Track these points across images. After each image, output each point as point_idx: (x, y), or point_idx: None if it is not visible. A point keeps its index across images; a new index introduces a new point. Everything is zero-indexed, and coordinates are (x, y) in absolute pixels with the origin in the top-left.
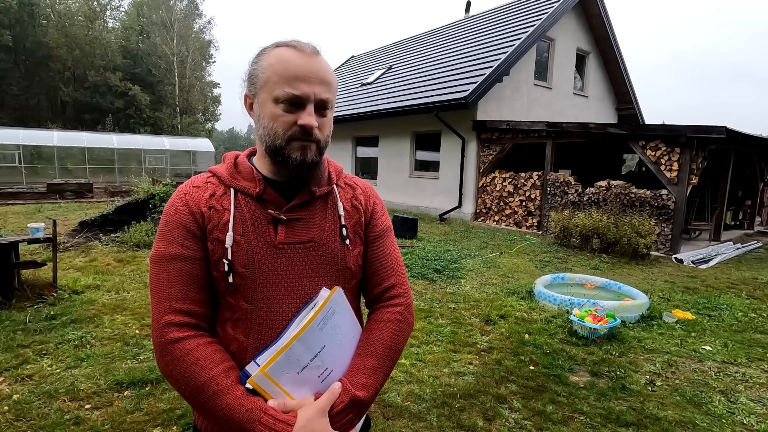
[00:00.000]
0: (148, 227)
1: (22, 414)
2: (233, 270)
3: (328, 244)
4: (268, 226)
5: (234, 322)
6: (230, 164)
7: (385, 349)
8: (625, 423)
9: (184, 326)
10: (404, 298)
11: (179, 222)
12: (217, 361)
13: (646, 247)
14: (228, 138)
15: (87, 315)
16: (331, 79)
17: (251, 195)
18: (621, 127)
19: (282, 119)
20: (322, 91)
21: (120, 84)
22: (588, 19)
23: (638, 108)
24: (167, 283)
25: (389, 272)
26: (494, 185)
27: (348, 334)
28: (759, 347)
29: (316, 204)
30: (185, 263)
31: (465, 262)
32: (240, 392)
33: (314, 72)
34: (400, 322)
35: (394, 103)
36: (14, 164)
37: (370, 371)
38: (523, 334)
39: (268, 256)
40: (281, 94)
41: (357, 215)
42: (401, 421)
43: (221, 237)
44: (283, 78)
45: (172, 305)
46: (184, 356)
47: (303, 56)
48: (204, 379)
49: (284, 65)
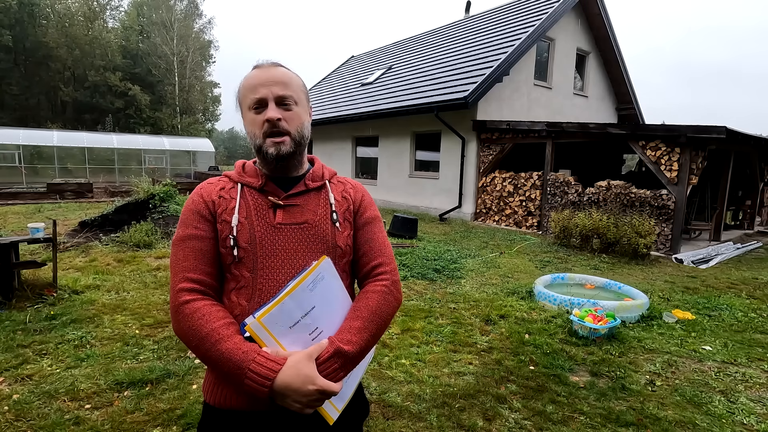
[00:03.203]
0: (148, 227)
1: (22, 414)
2: (238, 244)
3: (320, 226)
4: (268, 210)
5: (238, 290)
6: (239, 167)
7: (370, 313)
8: (625, 423)
9: (194, 291)
10: (391, 275)
11: (194, 209)
12: (219, 317)
13: (646, 247)
14: (228, 138)
15: (87, 315)
16: (288, 79)
17: (254, 187)
18: (621, 127)
19: (254, 121)
20: (279, 90)
21: (120, 84)
22: (588, 19)
23: (638, 108)
24: (183, 258)
25: (377, 253)
26: (494, 185)
27: (337, 299)
28: (759, 347)
29: (310, 194)
30: (197, 241)
31: (465, 262)
32: (238, 339)
33: (270, 77)
34: (385, 293)
35: (394, 103)
36: (14, 164)
37: (356, 330)
38: (523, 334)
39: (268, 234)
40: (249, 102)
41: (347, 204)
42: (401, 421)
43: (228, 219)
44: (248, 89)
45: (186, 275)
46: (192, 313)
47: (261, 70)
48: (207, 330)
49: (248, 81)
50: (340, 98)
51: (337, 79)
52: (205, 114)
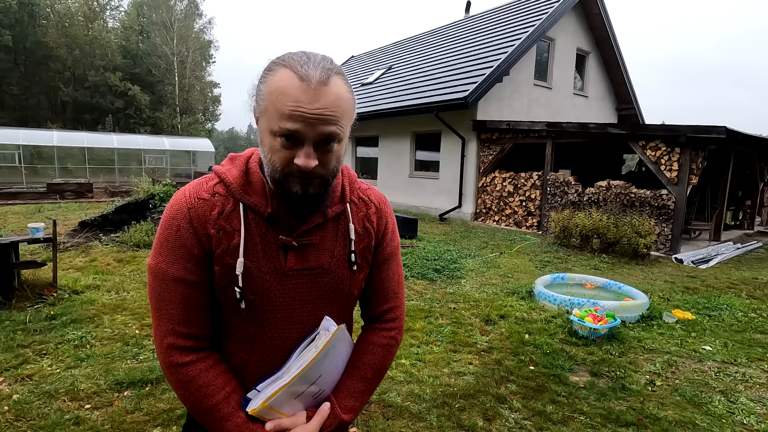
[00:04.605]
0: (148, 227)
1: (22, 414)
2: (244, 297)
3: (336, 271)
4: (278, 251)
5: (237, 341)
6: (240, 175)
7: (374, 372)
8: (625, 423)
9: (187, 350)
10: (399, 321)
11: (183, 243)
12: (219, 387)
13: (646, 247)
14: (228, 138)
15: (87, 315)
16: (341, 110)
17: (261, 214)
18: (621, 127)
19: (279, 154)
20: (325, 128)
21: (120, 84)
22: (588, 19)
23: (638, 108)
24: (169, 304)
25: (390, 295)
26: (494, 185)
27: (343, 361)
28: (759, 347)
29: (328, 227)
30: (187, 287)
31: (465, 262)
32: (240, 420)
33: (318, 108)
34: (391, 346)
35: (394, 103)
36: (14, 164)
37: (358, 395)
38: (523, 334)
39: (277, 283)
40: (277, 129)
41: (368, 239)
42: (401, 421)
43: (231, 262)
44: (278, 112)
45: (174, 328)
46: (188, 382)
47: (305, 89)
48: (207, 406)
49: (281, 98)
50: None
51: None
52: (205, 114)
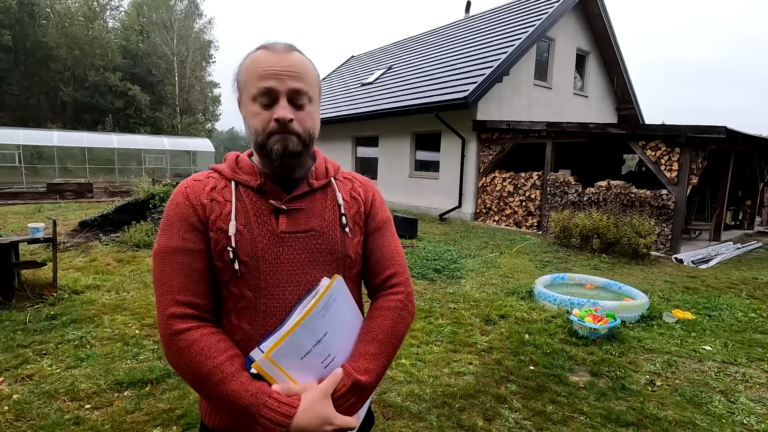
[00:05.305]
0: (148, 227)
1: (22, 414)
2: (238, 258)
3: (328, 233)
4: (269, 216)
5: (238, 312)
6: (231, 161)
7: (386, 335)
8: (625, 423)
9: (188, 318)
10: (405, 286)
11: (180, 215)
12: (221, 350)
13: (646, 247)
14: (228, 138)
15: (87, 315)
16: (305, 71)
17: (252, 187)
18: (621, 127)
19: (260, 117)
20: (293, 83)
21: (120, 84)
22: (588, 19)
23: (638, 108)
24: (170, 275)
25: (389, 262)
26: (494, 185)
27: (350, 322)
28: (759, 347)
29: (316, 195)
30: (186, 256)
31: (465, 262)
32: (244, 378)
33: (284, 66)
34: (400, 309)
35: (394, 103)
36: (14, 164)
37: (371, 357)
38: (523, 334)
39: (271, 245)
40: (255, 91)
41: (356, 205)
42: (401, 421)
43: (224, 226)
44: (255, 76)
45: (175, 297)
46: (189, 347)
47: (273, 54)
48: (209, 368)
49: (256, 65)
50: (340, 98)
51: (337, 79)
52: (205, 114)
